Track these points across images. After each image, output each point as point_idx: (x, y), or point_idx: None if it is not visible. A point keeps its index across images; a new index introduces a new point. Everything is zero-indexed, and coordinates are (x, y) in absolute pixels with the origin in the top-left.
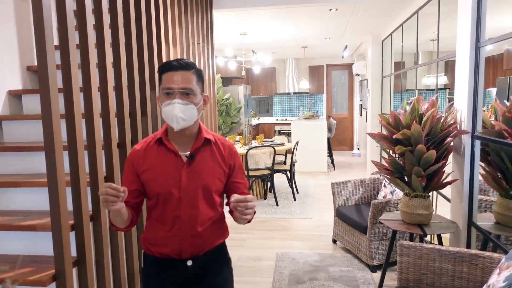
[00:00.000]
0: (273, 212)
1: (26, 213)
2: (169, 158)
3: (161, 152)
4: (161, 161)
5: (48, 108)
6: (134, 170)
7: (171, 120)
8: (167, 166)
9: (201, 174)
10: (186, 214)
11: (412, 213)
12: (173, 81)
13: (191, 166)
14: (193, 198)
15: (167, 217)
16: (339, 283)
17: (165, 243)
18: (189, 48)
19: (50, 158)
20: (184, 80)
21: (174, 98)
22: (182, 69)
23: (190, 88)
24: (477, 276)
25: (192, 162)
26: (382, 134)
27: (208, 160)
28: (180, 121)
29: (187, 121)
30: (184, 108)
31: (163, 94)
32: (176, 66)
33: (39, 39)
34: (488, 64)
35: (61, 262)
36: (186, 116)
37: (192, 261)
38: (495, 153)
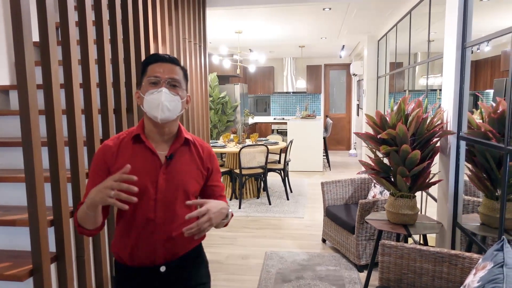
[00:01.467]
0: (265, 211)
1: (7, 208)
2: (145, 157)
3: (137, 149)
4: (136, 159)
5: (26, 103)
6: (106, 168)
7: (155, 109)
8: (143, 166)
9: (179, 175)
10: (161, 217)
11: (398, 213)
12: (160, 71)
13: (170, 167)
14: (170, 200)
15: (140, 219)
16: (325, 282)
17: (137, 250)
18: (179, 45)
19: (27, 153)
20: (172, 71)
21: (160, 86)
22: (170, 62)
23: (177, 79)
24: (456, 276)
25: (171, 162)
26: (368, 134)
27: (187, 161)
28: (165, 110)
29: (172, 112)
30: (170, 98)
31: (148, 84)
32: (165, 58)
33: (16, 34)
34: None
35: (38, 257)
36: (172, 107)
37: (165, 266)
38: (481, 154)
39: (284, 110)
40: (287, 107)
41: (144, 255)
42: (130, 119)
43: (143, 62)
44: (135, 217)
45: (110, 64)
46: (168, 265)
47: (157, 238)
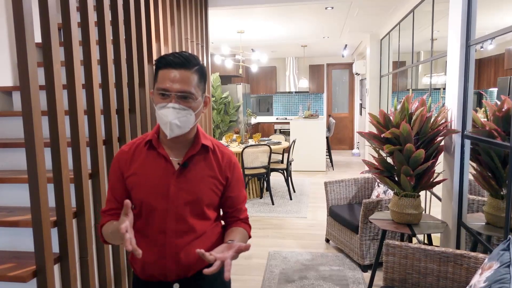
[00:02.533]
0: (268, 211)
1: (10, 209)
2: (158, 163)
3: (150, 156)
4: (149, 166)
5: (28, 104)
6: (120, 173)
7: (164, 126)
8: (155, 172)
9: (193, 184)
10: (172, 229)
11: (402, 213)
12: (170, 81)
13: (183, 175)
14: (181, 211)
15: (151, 230)
16: (329, 282)
17: (148, 263)
18: (181, 46)
19: (30, 154)
20: (183, 81)
21: (169, 101)
22: (182, 67)
23: (189, 91)
24: (461, 276)
25: (184, 170)
26: (372, 133)
27: (202, 169)
28: (174, 129)
29: (182, 129)
30: (179, 114)
31: (158, 94)
32: (176, 63)
33: (18, 36)
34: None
35: (41, 258)
36: (182, 123)
37: (179, 284)
38: (485, 152)
39: (286, 110)
40: (289, 107)
41: (155, 269)
42: (133, 119)
43: (154, 63)
44: (146, 228)
45: (112, 65)
46: (182, 282)
47: (168, 251)
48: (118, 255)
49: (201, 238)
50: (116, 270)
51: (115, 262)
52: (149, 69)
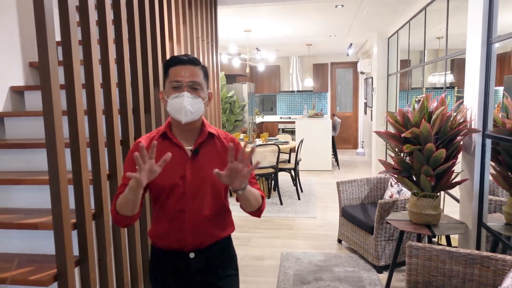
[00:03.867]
0: (277, 211)
1: (27, 211)
2: (173, 152)
3: (166, 146)
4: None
5: (50, 104)
6: None
7: (179, 113)
8: (172, 160)
9: (205, 168)
10: (189, 208)
11: (420, 213)
12: (181, 74)
13: (195, 161)
14: (197, 192)
15: (170, 210)
16: (344, 283)
17: (169, 236)
18: (193, 44)
19: (51, 155)
20: (193, 74)
21: (182, 91)
22: (190, 64)
23: (198, 82)
24: (488, 279)
25: (196, 156)
26: (389, 133)
27: (211, 154)
28: (188, 114)
29: (195, 115)
30: (192, 102)
31: (170, 88)
32: (185, 60)
33: (40, 35)
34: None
35: (63, 261)
36: (194, 110)
37: (194, 253)
38: (506, 152)
39: (290, 109)
40: (293, 106)
41: (175, 242)
42: (148, 119)
43: (164, 64)
44: (166, 207)
45: (128, 64)
46: (197, 252)
47: (186, 227)
48: (134, 257)
49: (213, 214)
50: (132, 272)
51: (131, 264)
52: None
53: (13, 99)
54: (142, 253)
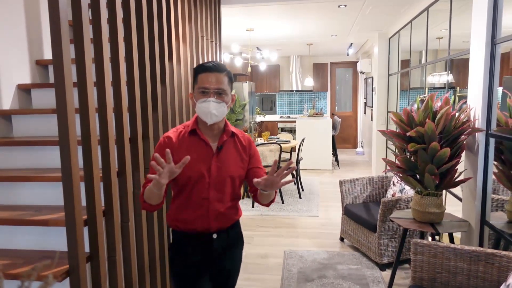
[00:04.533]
0: (278, 210)
1: (36, 208)
2: (201, 147)
3: (193, 141)
4: (193, 149)
5: (63, 102)
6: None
7: (205, 116)
8: (199, 154)
9: (227, 163)
10: (213, 196)
11: (424, 212)
12: (208, 81)
13: (219, 156)
14: (219, 183)
15: (197, 198)
16: (348, 281)
17: (195, 221)
18: (198, 43)
19: (64, 153)
20: (218, 81)
21: (209, 96)
22: (217, 71)
23: (223, 88)
24: (493, 276)
25: (220, 152)
26: (394, 132)
27: (232, 151)
28: (213, 117)
29: (219, 117)
30: (217, 106)
31: (199, 93)
32: (212, 68)
33: (54, 34)
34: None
35: (75, 257)
36: (218, 113)
37: (217, 234)
38: (509, 151)
39: (290, 109)
40: (293, 105)
41: (201, 226)
42: (155, 117)
43: (194, 70)
44: (192, 196)
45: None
46: (218, 233)
47: (210, 213)
48: (142, 255)
49: (231, 201)
50: (140, 269)
51: (139, 262)
52: (170, 67)
53: (20, 97)
54: (149, 252)
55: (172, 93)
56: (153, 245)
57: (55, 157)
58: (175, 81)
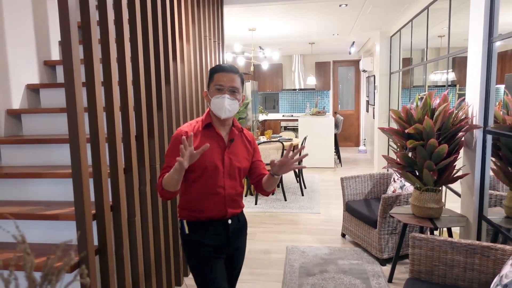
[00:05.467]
0: (281, 207)
1: (46, 203)
2: (215, 140)
3: (208, 134)
4: (208, 141)
5: (73, 102)
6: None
7: (219, 110)
8: (214, 146)
9: (237, 155)
10: (228, 184)
11: (423, 207)
12: (223, 80)
13: (231, 148)
14: (232, 172)
15: (213, 186)
16: (349, 275)
17: (213, 209)
18: (201, 43)
19: (74, 150)
20: (232, 80)
21: (224, 93)
22: (231, 72)
23: (236, 87)
24: (488, 268)
25: (231, 145)
26: (393, 129)
27: (240, 144)
28: (227, 112)
29: (232, 113)
30: (231, 102)
31: (215, 89)
32: (227, 69)
33: (64, 36)
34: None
35: (84, 250)
36: (232, 109)
37: (231, 220)
38: (507, 147)
39: (292, 107)
40: (295, 104)
41: (218, 212)
42: (160, 115)
43: (210, 70)
44: (209, 185)
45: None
46: (233, 219)
47: (227, 199)
48: (148, 250)
49: (240, 190)
50: (146, 263)
51: (145, 256)
52: (174, 67)
53: (29, 97)
54: (155, 247)
55: (176, 92)
56: (159, 240)
57: (64, 154)
58: (179, 80)
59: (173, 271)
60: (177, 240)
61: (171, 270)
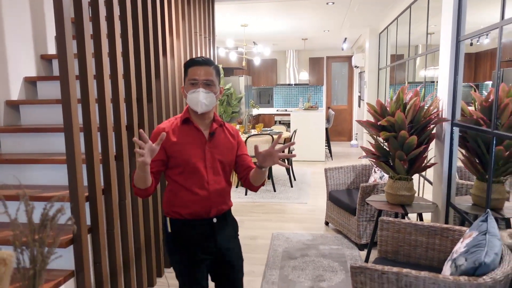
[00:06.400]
0: (270, 197)
1: (43, 187)
2: (194, 134)
3: (186, 130)
4: (188, 136)
5: (67, 94)
6: (161, 144)
7: (196, 105)
8: (193, 141)
9: (219, 148)
10: (212, 180)
11: (396, 194)
12: (197, 74)
13: (211, 142)
14: (215, 167)
15: (197, 182)
16: (328, 259)
17: (196, 204)
18: (191, 39)
19: (69, 138)
20: (206, 73)
21: (198, 87)
22: (205, 65)
23: (211, 79)
24: (447, 247)
25: (212, 139)
26: (369, 121)
27: (222, 138)
28: (203, 106)
29: (209, 106)
30: (206, 96)
31: (189, 84)
32: (200, 62)
33: (59, 31)
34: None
35: (78, 228)
36: (208, 102)
37: (216, 218)
38: (473, 139)
39: (286, 102)
40: (289, 99)
41: (203, 210)
42: (150, 108)
43: (184, 65)
44: (191, 181)
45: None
46: (218, 217)
47: (211, 195)
48: (138, 231)
49: (226, 186)
50: (136, 245)
51: (135, 236)
52: (164, 62)
53: (27, 89)
54: (145, 228)
55: (166, 86)
56: (149, 223)
57: (59, 142)
58: (169, 74)
59: (163, 252)
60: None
61: (160, 251)
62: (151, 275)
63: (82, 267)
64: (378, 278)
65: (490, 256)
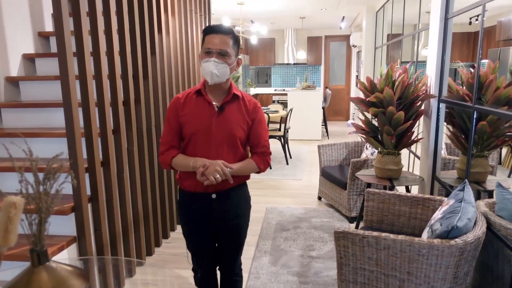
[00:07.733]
0: (266, 174)
1: (45, 160)
2: (204, 106)
3: (199, 101)
4: (197, 108)
5: (65, 70)
6: (176, 114)
7: (207, 75)
8: (202, 112)
9: (227, 122)
10: (212, 154)
11: (384, 168)
12: (212, 42)
13: (221, 116)
14: (220, 141)
15: (200, 155)
16: (319, 230)
17: (195, 178)
18: (186, 17)
19: (68, 113)
20: (222, 43)
21: (211, 57)
22: (222, 33)
23: (226, 50)
24: (428, 216)
25: (222, 112)
26: (359, 98)
27: (234, 112)
28: (214, 77)
29: (220, 78)
30: (218, 66)
31: (204, 53)
32: (217, 30)
33: (56, 8)
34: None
35: (78, 197)
36: (220, 73)
37: (215, 194)
38: (459, 115)
39: (284, 82)
40: (287, 79)
41: (200, 184)
42: (146, 84)
43: (203, 31)
44: (196, 152)
45: (129, 34)
46: (218, 193)
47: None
48: (136, 202)
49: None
50: (134, 211)
51: (133, 207)
52: (159, 39)
53: (26, 65)
54: (143, 200)
55: (161, 63)
56: (146, 194)
57: (58, 117)
58: (164, 51)
59: (160, 224)
60: (164, 196)
61: (158, 223)
62: (149, 243)
63: (84, 233)
64: (359, 241)
65: (462, 221)
